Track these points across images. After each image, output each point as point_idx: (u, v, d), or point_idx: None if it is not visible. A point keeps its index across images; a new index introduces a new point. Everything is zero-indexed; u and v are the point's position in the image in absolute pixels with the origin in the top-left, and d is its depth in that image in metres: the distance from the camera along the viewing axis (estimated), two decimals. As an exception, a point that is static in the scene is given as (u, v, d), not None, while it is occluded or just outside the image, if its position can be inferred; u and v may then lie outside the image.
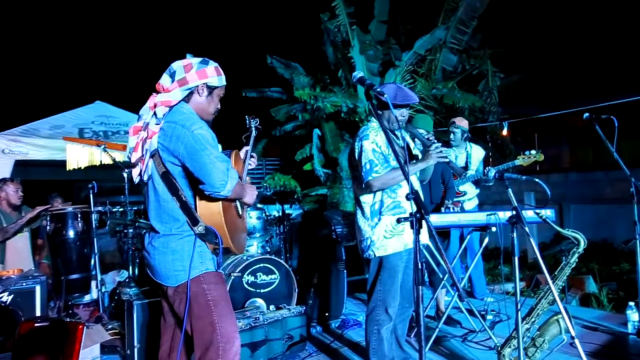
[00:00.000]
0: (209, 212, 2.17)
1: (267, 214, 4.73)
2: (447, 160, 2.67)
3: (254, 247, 4.41)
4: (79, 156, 4.79)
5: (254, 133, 2.84)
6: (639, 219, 3.41)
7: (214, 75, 2.25)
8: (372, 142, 2.69)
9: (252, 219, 4.43)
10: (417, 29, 8.82)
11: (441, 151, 2.64)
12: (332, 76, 9.67)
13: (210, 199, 2.15)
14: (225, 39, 15.20)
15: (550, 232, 8.87)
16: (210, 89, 2.26)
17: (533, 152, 4.20)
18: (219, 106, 2.38)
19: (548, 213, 3.57)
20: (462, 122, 4.46)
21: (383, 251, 2.73)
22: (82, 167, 4.75)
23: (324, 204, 8.39)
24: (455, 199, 4.60)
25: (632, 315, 3.70)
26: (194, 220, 2.14)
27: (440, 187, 4.10)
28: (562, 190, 9.27)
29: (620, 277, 5.94)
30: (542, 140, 10.05)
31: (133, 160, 2.22)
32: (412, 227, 1.76)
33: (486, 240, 3.62)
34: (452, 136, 4.47)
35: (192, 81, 2.22)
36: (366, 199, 2.75)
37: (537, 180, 2.58)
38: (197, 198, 2.17)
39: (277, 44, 11.45)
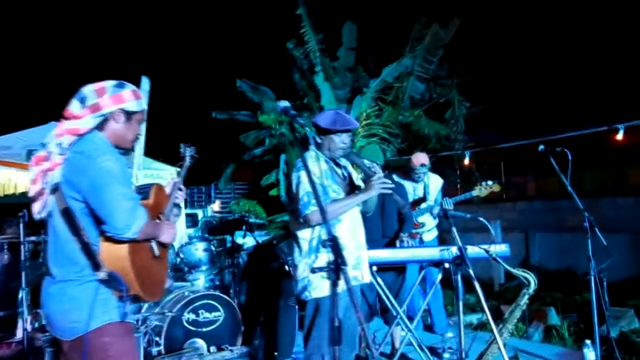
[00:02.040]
0: (114, 255, 1.93)
1: (216, 245, 4.50)
2: (389, 192, 2.51)
3: (201, 281, 4.22)
4: (13, 180, 4.47)
5: (187, 162, 2.67)
6: (593, 255, 3.29)
7: (131, 99, 2.05)
8: (311, 172, 2.54)
9: (199, 250, 4.24)
10: (385, 56, 8.86)
11: (385, 182, 2.50)
12: (302, 102, 9.60)
13: (116, 240, 1.91)
14: (195, 61, 15.07)
15: (519, 257, 8.82)
16: (128, 114, 2.05)
17: (490, 182, 4.24)
18: (140, 132, 2.17)
19: (503, 248, 3.49)
20: (421, 159, 4.37)
21: (320, 292, 2.54)
22: (16, 193, 4.44)
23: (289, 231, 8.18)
24: (413, 231, 4.49)
25: (589, 354, 3.55)
26: (95, 265, 1.89)
27: (395, 219, 3.95)
28: (527, 218, 9.25)
29: (581, 307, 5.86)
30: (508, 168, 10.08)
31: (31, 193, 1.98)
32: (328, 278, 1.54)
33: (439, 276, 3.49)
34: (415, 176, 4.42)
35: (106, 107, 2.02)
36: (303, 235, 2.58)
37: (480, 219, 2.42)
38: (101, 239, 1.93)
39: (248, 68, 11.40)
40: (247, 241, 5.45)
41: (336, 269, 1.57)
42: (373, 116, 8.16)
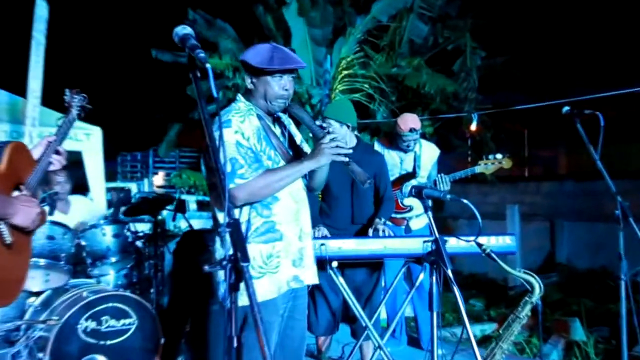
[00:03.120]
0: None
1: (133, 230, 4.39)
2: (345, 159, 2.36)
3: (111, 278, 4.10)
4: None
5: (72, 116, 2.55)
6: (626, 252, 3.23)
7: None
8: (237, 131, 2.41)
9: (107, 236, 4.08)
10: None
11: (339, 145, 2.36)
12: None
13: None
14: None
15: (542, 252, 8.83)
16: None
17: (498, 155, 4.21)
18: None
19: (507, 241, 3.41)
20: (410, 123, 4.27)
21: (247, 297, 2.38)
22: None
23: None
24: (398, 216, 4.40)
25: (617, 381, 3.49)
26: None
27: (369, 200, 3.85)
28: (555, 202, 9.25)
29: (616, 319, 5.85)
30: (533, 138, 10.04)
31: None
32: (225, 279, 1.40)
33: (421, 276, 3.46)
34: (403, 144, 4.35)
35: None
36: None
37: (465, 201, 2.25)
38: None
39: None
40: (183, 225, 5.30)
41: (234, 267, 1.38)
42: (357, 65, 7.97)
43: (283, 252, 2.42)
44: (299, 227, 2.51)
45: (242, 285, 2.35)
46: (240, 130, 2.41)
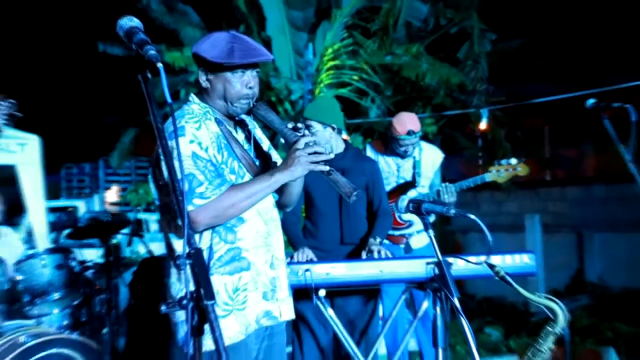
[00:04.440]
0: None
1: (80, 258, 4.38)
2: (325, 168, 2.34)
3: (54, 317, 4.09)
4: None
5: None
6: None
7: None
8: (193, 140, 2.37)
9: (48, 268, 4.05)
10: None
11: (316, 152, 2.33)
12: (237, 30, 9.37)
13: None
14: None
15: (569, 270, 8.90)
16: None
17: (513, 161, 4.22)
18: None
19: (525, 260, 3.43)
20: (408, 124, 4.28)
21: (212, 341, 2.39)
22: None
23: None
24: (395, 233, 4.43)
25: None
26: None
27: (362, 216, 3.87)
28: (583, 210, 9.34)
29: (660, 347, 5.92)
30: (555, 136, 10.13)
31: None
32: (187, 320, 1.41)
33: (425, 303, 3.47)
34: (400, 149, 4.37)
35: None
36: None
37: (472, 216, 2.28)
38: None
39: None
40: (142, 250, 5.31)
41: (197, 306, 1.41)
42: (345, 54, 7.99)
43: (251, 283, 2.40)
44: (270, 253, 2.49)
45: (206, 326, 2.38)
46: (196, 139, 2.36)
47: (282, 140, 2.53)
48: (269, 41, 8.36)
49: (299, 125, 2.46)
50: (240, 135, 2.56)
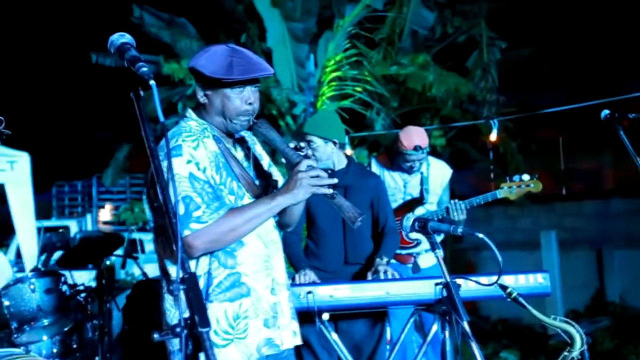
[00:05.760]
0: None
1: (72, 282, 4.38)
2: (329, 191, 2.35)
3: (43, 345, 4.08)
4: None
5: None
6: None
7: None
8: (190, 160, 2.37)
9: (36, 293, 4.03)
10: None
11: (318, 175, 2.34)
12: (236, 41, 9.42)
13: None
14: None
15: (588, 289, 8.83)
16: None
17: (525, 176, 4.25)
18: None
19: (540, 280, 3.42)
20: (415, 139, 4.29)
21: None
22: None
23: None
24: (403, 252, 4.43)
25: None
26: None
27: (366, 235, 3.87)
28: (601, 226, 9.30)
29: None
30: (570, 147, 10.11)
31: None
32: (180, 349, 1.42)
33: (434, 327, 3.41)
34: (406, 164, 4.39)
35: None
36: None
37: (481, 235, 2.26)
38: None
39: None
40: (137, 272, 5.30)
41: (191, 334, 1.41)
42: (348, 65, 8.01)
43: (252, 310, 2.39)
44: (271, 277, 2.48)
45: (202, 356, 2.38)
46: (194, 159, 2.36)
47: (284, 160, 2.52)
48: (270, 52, 8.39)
49: (301, 144, 2.49)
50: (239, 153, 2.57)
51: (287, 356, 2.58)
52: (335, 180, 2.35)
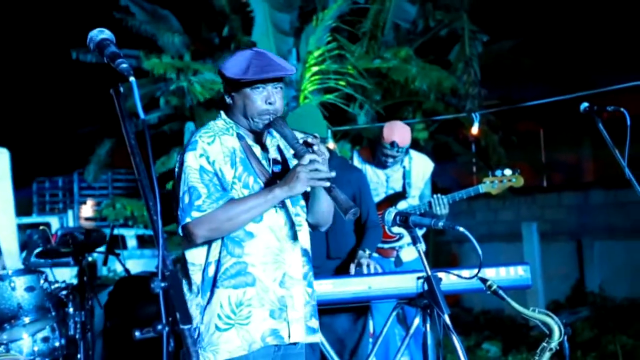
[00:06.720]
0: None
1: (52, 280, 4.35)
2: (326, 184, 2.42)
3: (25, 344, 4.03)
4: None
5: None
6: None
7: None
8: (202, 154, 2.51)
9: (18, 290, 4.01)
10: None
11: (317, 169, 2.41)
12: (219, 35, 9.47)
13: None
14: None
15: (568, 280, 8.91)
16: None
17: (507, 171, 4.30)
18: None
19: (520, 272, 3.47)
20: (395, 133, 4.33)
21: (212, 355, 2.48)
22: None
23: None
24: (385, 246, 4.45)
25: None
26: None
27: (349, 230, 3.89)
28: (582, 217, 9.38)
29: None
30: (551, 139, 10.18)
31: None
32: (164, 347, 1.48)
33: (416, 321, 3.37)
34: (387, 159, 4.42)
35: None
36: (195, 258, 2.60)
37: (461, 229, 2.29)
38: None
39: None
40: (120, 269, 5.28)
41: (172, 330, 1.45)
42: (330, 59, 8.02)
43: (256, 299, 2.47)
44: (282, 270, 2.55)
45: (212, 337, 2.48)
46: (205, 152, 2.50)
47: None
48: (254, 45, 8.37)
49: (310, 140, 2.53)
50: (262, 152, 2.67)
51: (299, 351, 2.65)
52: (333, 174, 2.41)
